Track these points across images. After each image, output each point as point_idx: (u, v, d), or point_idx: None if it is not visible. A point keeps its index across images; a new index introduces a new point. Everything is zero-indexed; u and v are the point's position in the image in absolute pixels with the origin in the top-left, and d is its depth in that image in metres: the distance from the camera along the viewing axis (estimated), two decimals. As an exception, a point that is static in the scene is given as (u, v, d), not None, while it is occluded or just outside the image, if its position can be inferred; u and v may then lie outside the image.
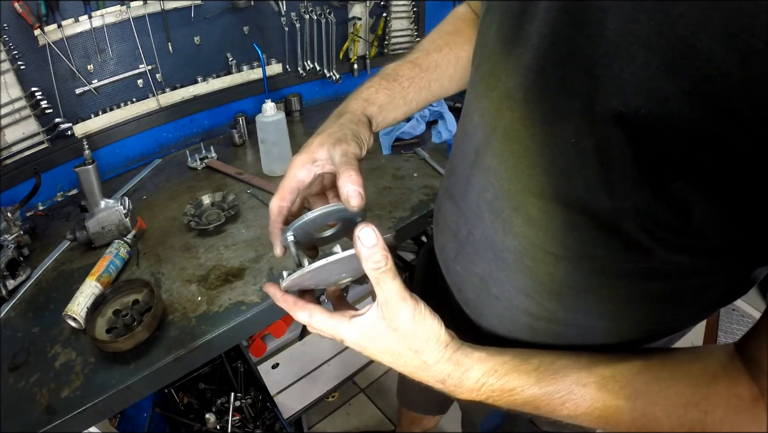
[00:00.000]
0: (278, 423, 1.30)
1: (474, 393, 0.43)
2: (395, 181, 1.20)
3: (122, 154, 1.36)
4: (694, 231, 0.33)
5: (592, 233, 0.38)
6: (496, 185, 0.46)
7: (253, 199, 1.16)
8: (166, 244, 1.02)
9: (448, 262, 0.60)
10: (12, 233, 0.97)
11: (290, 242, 0.44)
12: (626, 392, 0.39)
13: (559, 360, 0.43)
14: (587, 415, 0.41)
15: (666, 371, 0.40)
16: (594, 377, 0.41)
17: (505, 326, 0.54)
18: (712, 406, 0.36)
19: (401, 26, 1.79)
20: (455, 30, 0.66)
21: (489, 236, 0.49)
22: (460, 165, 0.54)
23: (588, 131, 0.35)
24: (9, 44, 1.05)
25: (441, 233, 0.62)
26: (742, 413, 0.35)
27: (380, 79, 0.59)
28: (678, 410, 0.37)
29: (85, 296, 0.82)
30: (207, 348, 0.80)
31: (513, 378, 0.42)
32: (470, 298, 0.58)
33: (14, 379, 0.74)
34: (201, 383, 1.35)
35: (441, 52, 0.64)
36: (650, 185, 0.32)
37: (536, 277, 0.46)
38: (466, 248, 0.54)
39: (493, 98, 0.45)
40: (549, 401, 0.41)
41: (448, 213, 0.58)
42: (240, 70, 1.47)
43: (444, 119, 1.37)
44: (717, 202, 0.30)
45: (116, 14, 1.18)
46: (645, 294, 0.41)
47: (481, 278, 0.53)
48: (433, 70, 0.63)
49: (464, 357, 0.43)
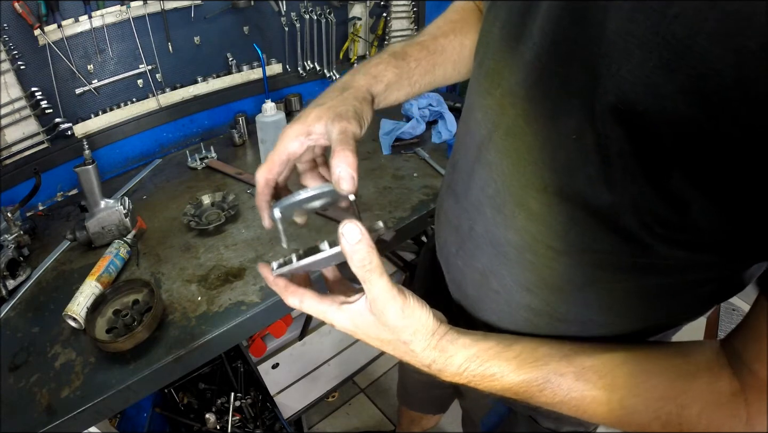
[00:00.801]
0: (278, 423, 1.30)
1: (456, 377, 0.45)
2: (395, 181, 1.20)
3: (122, 154, 1.36)
4: (691, 226, 0.33)
5: (593, 228, 0.39)
6: (498, 181, 0.46)
7: (253, 199, 1.16)
8: (166, 244, 1.02)
9: (449, 257, 0.61)
10: (12, 233, 0.97)
11: (277, 219, 0.43)
12: (604, 383, 0.40)
13: (541, 348, 0.44)
14: (564, 403, 0.42)
15: (648, 363, 0.40)
16: (573, 367, 0.42)
17: (504, 321, 0.54)
18: (690, 400, 0.37)
19: (401, 26, 1.79)
20: (460, 18, 0.66)
21: (491, 231, 0.50)
22: (463, 161, 0.54)
23: (589, 128, 0.35)
24: (9, 44, 1.05)
25: (442, 229, 0.62)
26: (721, 408, 0.35)
27: (389, 56, 0.57)
28: (655, 403, 0.38)
29: (85, 296, 0.82)
30: (207, 348, 0.80)
31: (493, 364, 0.44)
32: (470, 294, 0.58)
33: (14, 379, 0.74)
34: (201, 383, 1.35)
35: (447, 37, 0.63)
36: (649, 181, 0.33)
37: (537, 271, 0.46)
38: (468, 242, 0.55)
39: (496, 96, 0.45)
40: (527, 388, 0.43)
41: (449, 209, 0.58)
42: (240, 70, 1.47)
43: (444, 119, 1.37)
44: (714, 198, 0.31)
45: (116, 14, 1.18)
46: (644, 289, 0.42)
47: (481, 272, 0.54)
48: (440, 54, 0.62)
49: (449, 344, 0.44)
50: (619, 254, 0.39)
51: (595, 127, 0.35)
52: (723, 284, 0.42)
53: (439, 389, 1.04)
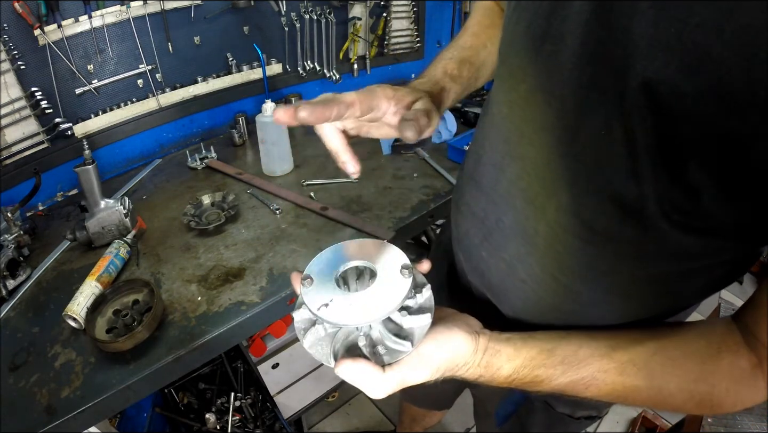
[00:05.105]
0: (278, 423, 1.30)
1: (505, 384, 0.49)
2: (395, 182, 1.20)
3: (122, 154, 1.36)
4: (704, 213, 0.37)
5: (619, 217, 0.42)
6: (532, 174, 0.49)
7: (253, 199, 1.16)
8: (166, 244, 1.02)
9: (471, 248, 0.62)
10: (12, 233, 0.97)
11: None
12: (643, 374, 0.45)
13: (581, 350, 0.47)
14: (608, 395, 0.47)
15: (677, 350, 0.45)
16: (614, 363, 0.46)
17: (528, 308, 0.57)
18: (718, 379, 0.42)
19: (401, 26, 1.79)
20: (491, 23, 0.68)
21: (520, 222, 0.52)
22: (489, 154, 0.56)
23: (617, 124, 0.38)
24: (9, 44, 1.05)
25: (464, 220, 0.63)
26: (745, 382, 0.41)
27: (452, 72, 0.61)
28: (688, 385, 0.43)
29: (85, 296, 0.82)
30: (207, 348, 0.80)
31: (541, 372, 0.47)
32: (494, 283, 0.60)
33: (14, 379, 0.74)
34: (201, 383, 1.35)
35: (486, 48, 0.65)
36: (668, 172, 0.36)
37: (565, 260, 0.49)
38: (495, 233, 0.57)
39: (521, 91, 0.48)
40: (573, 387, 0.47)
41: (473, 200, 0.60)
42: (240, 70, 1.47)
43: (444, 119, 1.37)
44: (724, 187, 0.34)
45: (116, 14, 1.18)
46: (662, 274, 0.45)
47: (508, 263, 0.56)
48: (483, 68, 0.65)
49: (493, 358, 0.47)
50: (640, 242, 0.42)
51: (623, 123, 0.37)
52: (734, 267, 0.46)
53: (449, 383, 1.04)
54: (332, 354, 0.43)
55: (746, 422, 0.75)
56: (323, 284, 0.43)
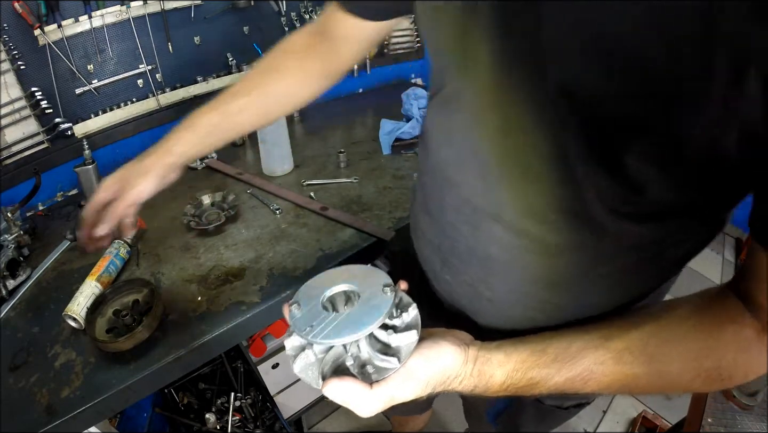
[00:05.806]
0: (278, 423, 1.30)
1: (501, 392, 0.47)
2: (395, 181, 1.20)
3: (122, 154, 1.36)
4: (652, 202, 0.37)
5: (568, 225, 0.42)
6: (472, 201, 0.48)
7: (253, 199, 1.16)
8: (166, 244, 1.02)
9: (436, 273, 0.62)
10: (12, 233, 0.97)
11: None
12: (641, 360, 0.43)
13: (574, 344, 0.45)
14: (609, 387, 0.45)
15: (675, 330, 0.43)
16: (610, 353, 0.44)
17: (503, 321, 0.56)
18: (724, 352, 0.40)
19: (401, 26, 1.79)
20: (275, 66, 0.70)
21: (472, 247, 0.51)
22: (431, 183, 0.56)
23: (548, 136, 0.38)
24: (9, 44, 1.05)
25: (424, 247, 0.63)
26: (752, 350, 0.39)
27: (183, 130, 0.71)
28: (691, 363, 0.41)
29: (85, 296, 0.82)
30: (207, 348, 0.80)
31: (534, 373, 0.45)
32: (464, 304, 0.59)
33: (14, 379, 0.74)
34: (201, 383, 1.35)
35: (250, 95, 0.68)
36: (606, 172, 0.36)
37: (525, 276, 0.48)
38: (451, 259, 0.56)
39: (451, 117, 0.48)
40: (572, 385, 0.45)
41: (427, 228, 0.60)
42: (240, 70, 1.47)
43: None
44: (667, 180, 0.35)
45: (116, 14, 1.18)
46: (630, 265, 0.45)
47: (470, 285, 0.55)
48: (237, 115, 0.69)
49: (484, 366, 0.45)
50: (595, 245, 0.42)
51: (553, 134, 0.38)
52: (695, 242, 0.45)
53: None
54: (320, 376, 0.44)
55: (746, 422, 0.75)
56: (310, 309, 0.44)
